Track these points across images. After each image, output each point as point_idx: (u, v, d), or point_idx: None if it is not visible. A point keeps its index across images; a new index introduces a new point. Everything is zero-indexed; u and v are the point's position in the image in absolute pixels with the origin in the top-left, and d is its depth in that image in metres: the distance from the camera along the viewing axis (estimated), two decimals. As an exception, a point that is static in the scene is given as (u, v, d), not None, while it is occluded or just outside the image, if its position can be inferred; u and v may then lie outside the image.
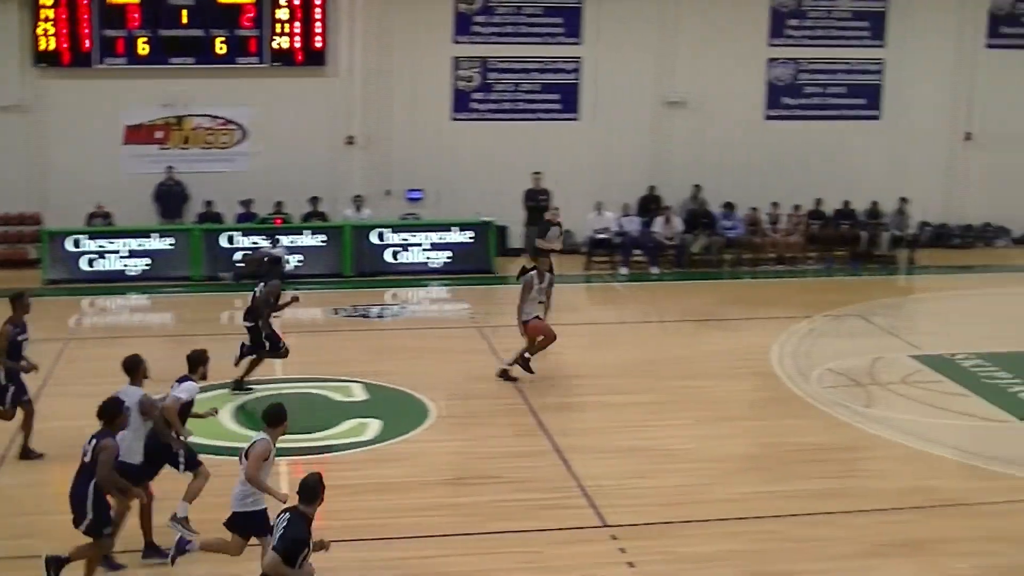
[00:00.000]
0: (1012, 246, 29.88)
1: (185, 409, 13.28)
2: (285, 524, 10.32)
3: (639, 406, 18.20)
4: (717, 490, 15.37)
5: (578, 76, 28.41)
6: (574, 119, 28.63)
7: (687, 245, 27.35)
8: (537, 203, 26.68)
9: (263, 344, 18.31)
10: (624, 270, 26.95)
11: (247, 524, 11.96)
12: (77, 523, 12.10)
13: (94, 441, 12.05)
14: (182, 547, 12.53)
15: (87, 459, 12.03)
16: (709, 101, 28.68)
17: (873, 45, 29.30)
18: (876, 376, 19.98)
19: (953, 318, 24.48)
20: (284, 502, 11.13)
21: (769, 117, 29.10)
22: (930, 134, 29.60)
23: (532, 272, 19.29)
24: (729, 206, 27.74)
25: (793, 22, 28.89)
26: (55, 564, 12.15)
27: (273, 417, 11.91)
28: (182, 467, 13.08)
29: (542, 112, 28.58)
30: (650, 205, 28.00)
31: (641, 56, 28.52)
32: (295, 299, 18.98)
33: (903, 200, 28.17)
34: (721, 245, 27.54)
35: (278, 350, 18.48)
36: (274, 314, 18.74)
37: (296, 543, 10.23)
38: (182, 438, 13.14)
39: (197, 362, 13.60)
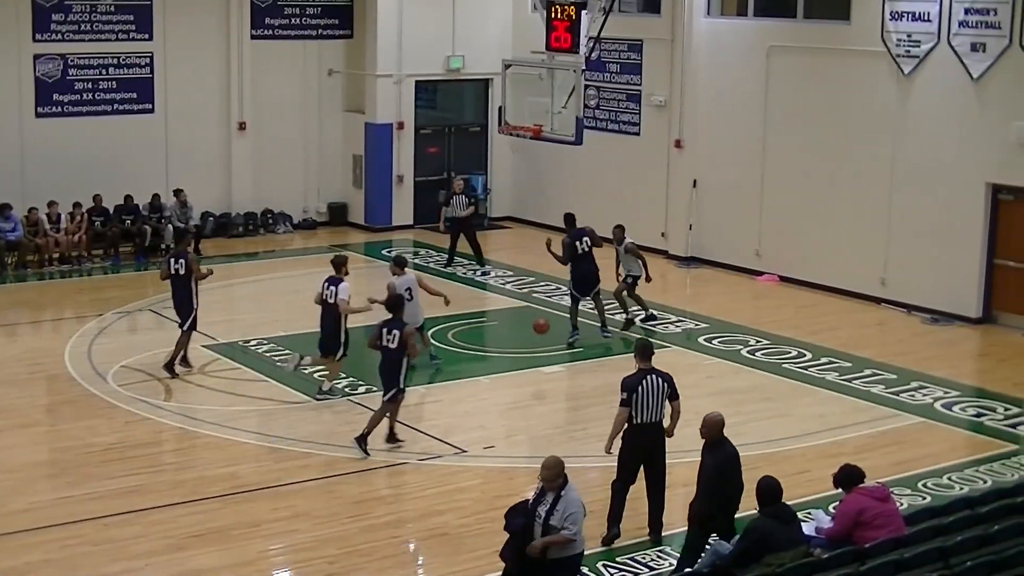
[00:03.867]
0: (293, 231, 30.73)
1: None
2: None
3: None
4: (15, 501, 14.78)
5: None
6: None
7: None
8: None
9: None
10: None
11: None
12: (387, 393, 16.26)
13: (395, 331, 16.07)
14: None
15: (393, 345, 16.07)
16: (-26, 100, 27.34)
17: (141, 39, 29.03)
18: (174, 369, 19.87)
19: (243, 305, 24.87)
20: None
21: (40, 115, 28.08)
22: (205, 125, 29.76)
23: None
24: (5, 208, 26.53)
25: (58, 16, 28.01)
26: (362, 441, 16.12)
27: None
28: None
29: None
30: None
31: None
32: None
33: (177, 192, 28.10)
34: (2, 249, 26.30)
35: None
36: None
37: None
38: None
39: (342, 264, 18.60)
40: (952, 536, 11.34)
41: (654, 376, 13.70)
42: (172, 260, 19.69)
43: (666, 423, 13.78)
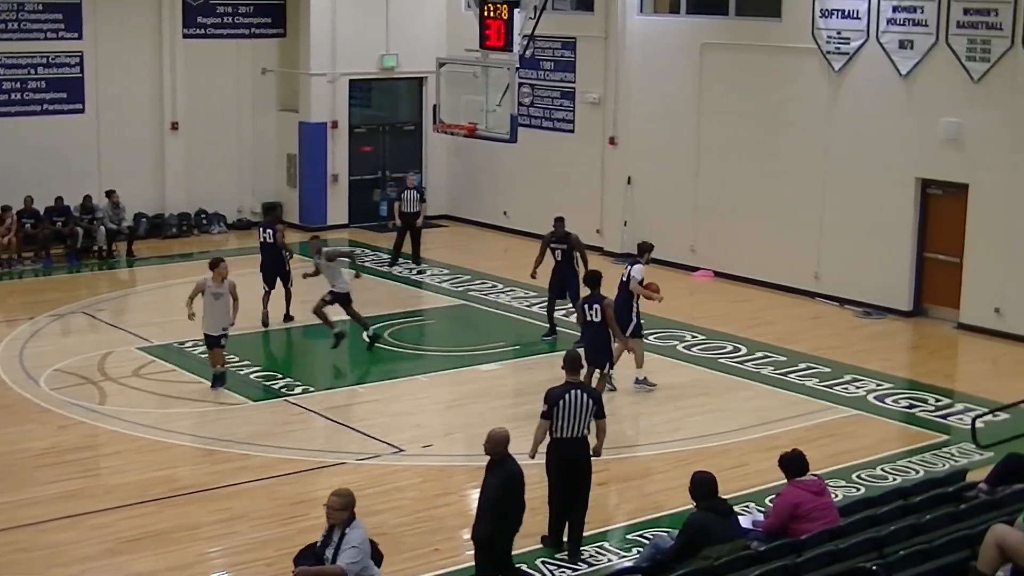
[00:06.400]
0: (228, 231, 30.54)
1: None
2: None
3: None
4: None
5: None
6: None
7: None
8: None
9: None
10: None
11: None
12: (600, 366, 17.29)
13: (596, 305, 17.11)
14: None
15: (597, 319, 17.02)
16: None
17: (70, 38, 28.77)
18: (108, 372, 19.76)
19: (178, 306, 24.58)
20: None
21: (-30, 115, 27.86)
22: (137, 125, 29.52)
23: None
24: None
25: (-17, 16, 27.80)
26: None
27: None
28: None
29: None
30: None
31: None
32: None
33: (110, 193, 27.88)
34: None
35: None
36: None
37: None
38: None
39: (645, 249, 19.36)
40: (886, 526, 11.47)
41: (579, 392, 13.23)
42: (261, 229, 22.76)
43: (592, 441, 13.50)
